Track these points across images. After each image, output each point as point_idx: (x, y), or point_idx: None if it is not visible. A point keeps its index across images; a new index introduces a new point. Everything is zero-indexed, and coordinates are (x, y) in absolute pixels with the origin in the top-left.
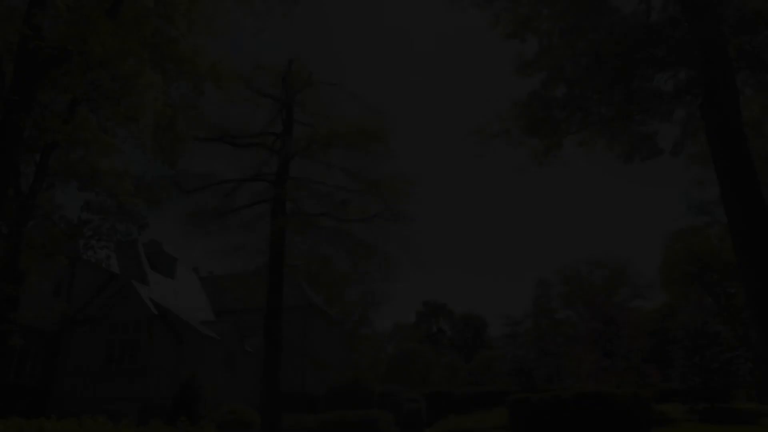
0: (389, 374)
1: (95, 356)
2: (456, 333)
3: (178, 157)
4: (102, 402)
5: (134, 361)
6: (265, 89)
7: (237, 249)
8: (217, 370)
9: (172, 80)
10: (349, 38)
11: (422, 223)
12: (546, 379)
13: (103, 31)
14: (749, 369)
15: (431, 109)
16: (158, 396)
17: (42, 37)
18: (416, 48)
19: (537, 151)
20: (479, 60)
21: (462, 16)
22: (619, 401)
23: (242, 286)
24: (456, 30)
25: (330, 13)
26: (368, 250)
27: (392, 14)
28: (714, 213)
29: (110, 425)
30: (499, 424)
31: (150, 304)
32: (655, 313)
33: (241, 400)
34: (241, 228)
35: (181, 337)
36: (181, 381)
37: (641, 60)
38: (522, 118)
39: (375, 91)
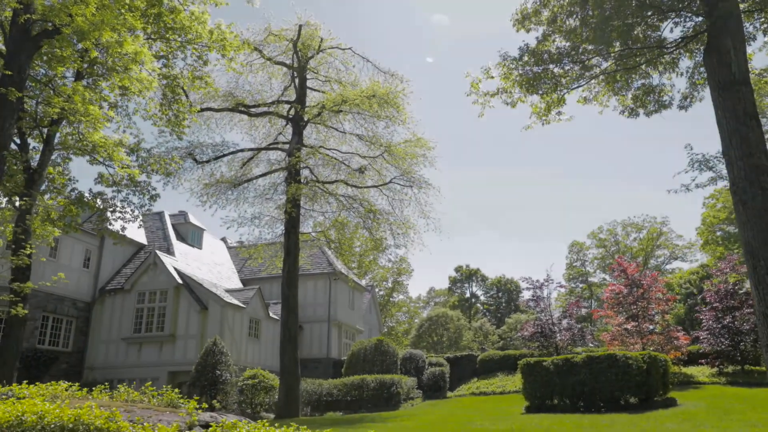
0: (419, 339)
1: (125, 324)
2: (489, 298)
3: (184, 128)
4: (133, 367)
5: (162, 328)
6: (278, 57)
7: (254, 218)
8: (243, 337)
9: (174, 51)
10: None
11: (456, 188)
12: (569, 343)
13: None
14: None
15: (454, 71)
16: (185, 361)
17: (32, 11)
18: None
19: (538, 108)
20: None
21: None
22: (633, 363)
23: (264, 255)
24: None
25: None
26: (382, 216)
27: None
28: (717, 169)
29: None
30: (519, 388)
31: (175, 274)
32: (693, 275)
33: (266, 365)
34: (257, 197)
35: (205, 305)
36: (205, 347)
37: (644, 4)
38: (513, 74)
39: (394, 57)
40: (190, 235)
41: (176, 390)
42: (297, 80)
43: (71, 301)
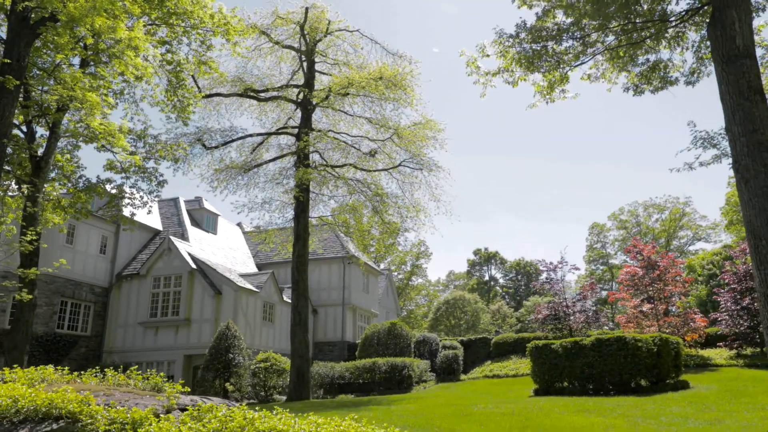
0: (437, 322)
1: (142, 308)
2: (508, 281)
3: (190, 114)
4: (150, 350)
5: (177, 312)
6: (286, 40)
7: (264, 203)
8: (257, 321)
9: (179, 36)
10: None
11: (476, 172)
12: (583, 325)
13: None
14: None
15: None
16: (201, 345)
17: None
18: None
19: (541, 87)
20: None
21: None
22: (643, 346)
23: (276, 240)
24: None
25: None
26: (389, 199)
27: None
28: (721, 146)
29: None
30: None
31: (189, 259)
32: (717, 256)
33: (280, 348)
34: (268, 182)
35: (219, 290)
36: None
37: None
38: (510, 51)
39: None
40: (205, 221)
41: (173, 383)
42: (305, 64)
43: (89, 287)
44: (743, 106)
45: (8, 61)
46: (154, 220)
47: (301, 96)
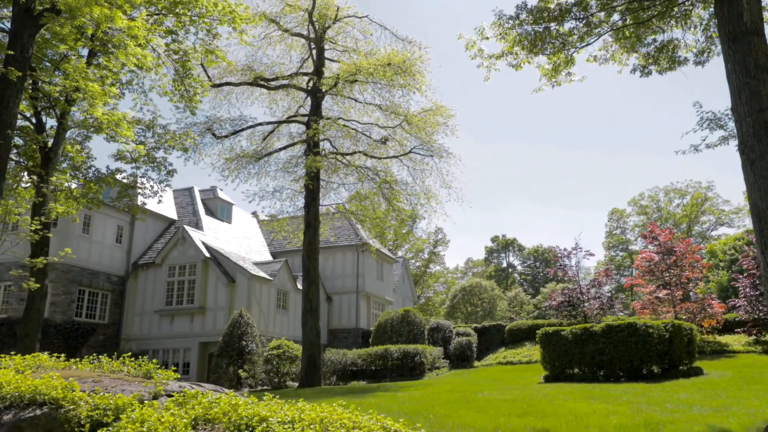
0: (453, 309)
1: (158, 297)
2: (526, 268)
3: (196, 103)
4: (166, 338)
5: (192, 300)
6: (295, 28)
7: (275, 192)
8: (271, 308)
9: (186, 25)
10: None
11: (494, 160)
12: (598, 312)
13: None
14: None
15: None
16: (215, 332)
17: None
18: None
19: (546, 70)
20: None
21: None
22: (655, 333)
23: (288, 228)
24: None
25: None
26: (398, 186)
27: None
28: (728, 127)
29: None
30: None
31: (202, 248)
32: (739, 241)
33: (294, 336)
34: (278, 171)
35: (232, 278)
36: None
37: None
38: (510, 33)
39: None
40: (220, 210)
41: (166, 370)
42: (314, 51)
43: (105, 276)
44: (750, 84)
45: (12, 52)
46: (169, 210)
47: (311, 84)
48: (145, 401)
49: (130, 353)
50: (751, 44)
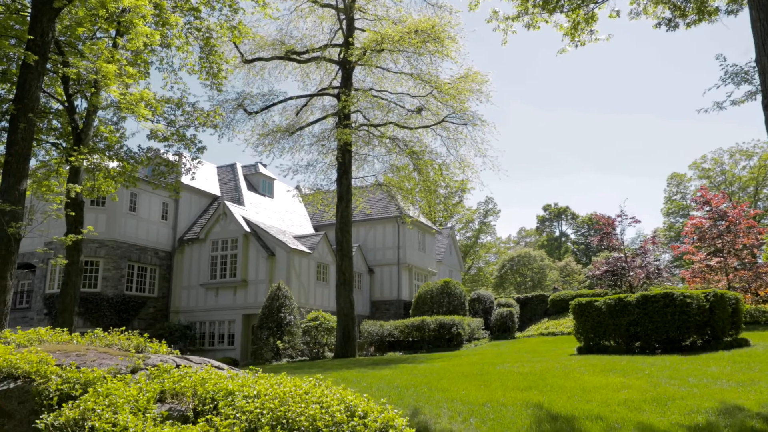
0: (502, 280)
1: (203, 271)
2: (580, 236)
3: (222, 80)
4: (212, 310)
5: (234, 274)
6: None
7: (309, 165)
8: (311, 281)
9: (209, 3)
10: None
11: (551, 127)
12: (644, 281)
13: None
14: None
15: None
16: (257, 304)
17: None
18: None
19: (564, 28)
20: None
21: None
22: (693, 303)
23: (324, 201)
24: None
25: None
26: (426, 156)
27: None
28: (755, 81)
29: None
30: None
31: (243, 223)
32: None
33: (334, 307)
34: (312, 145)
35: (272, 252)
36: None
37: None
38: None
39: None
40: (261, 185)
41: (160, 343)
42: (344, 22)
43: (153, 251)
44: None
45: (32, 37)
46: (213, 186)
47: (341, 55)
48: (121, 374)
49: (178, 324)
50: None
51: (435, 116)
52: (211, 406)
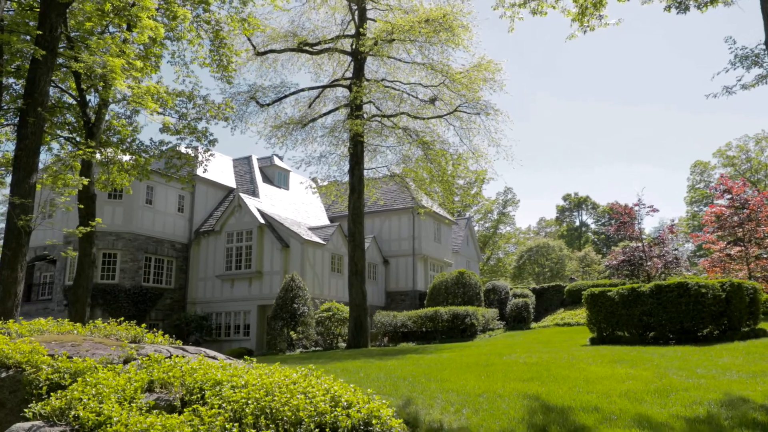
0: (520, 270)
1: (219, 262)
2: (600, 226)
3: (232, 72)
4: (228, 301)
5: (249, 265)
6: None
7: (321, 157)
8: (325, 272)
9: None
10: None
11: (570, 118)
12: (662, 271)
13: None
14: None
15: None
16: (272, 295)
17: None
18: None
19: (572, 13)
20: None
21: None
22: (708, 292)
23: (336, 192)
24: None
25: None
26: (437, 147)
27: None
28: (766, 63)
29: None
30: None
31: (257, 215)
32: None
33: (347, 298)
34: (324, 136)
35: (286, 243)
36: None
37: None
38: None
39: None
40: (276, 177)
41: (158, 335)
42: (357, 12)
43: (170, 243)
44: None
45: (40, 32)
46: (228, 178)
47: (353, 46)
48: (113, 364)
49: (194, 315)
50: None
51: (448, 106)
52: (199, 395)
